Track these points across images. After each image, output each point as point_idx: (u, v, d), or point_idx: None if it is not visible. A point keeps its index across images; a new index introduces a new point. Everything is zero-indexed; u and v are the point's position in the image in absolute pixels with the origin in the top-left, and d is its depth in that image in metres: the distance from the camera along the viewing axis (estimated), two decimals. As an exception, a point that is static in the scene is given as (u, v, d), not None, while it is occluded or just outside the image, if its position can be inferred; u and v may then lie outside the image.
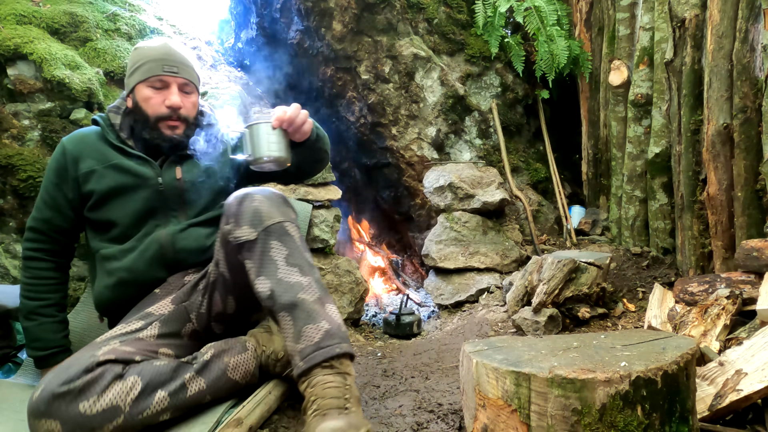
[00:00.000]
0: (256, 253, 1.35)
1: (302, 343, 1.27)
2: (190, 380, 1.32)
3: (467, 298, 2.78)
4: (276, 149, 1.43)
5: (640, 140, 2.82)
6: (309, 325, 1.28)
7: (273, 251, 1.34)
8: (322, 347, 1.26)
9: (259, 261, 1.34)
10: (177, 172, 1.62)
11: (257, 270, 1.34)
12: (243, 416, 1.35)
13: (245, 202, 1.39)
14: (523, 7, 3.19)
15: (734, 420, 1.31)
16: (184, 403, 1.30)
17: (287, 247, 1.35)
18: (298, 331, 1.28)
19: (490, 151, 3.35)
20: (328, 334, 1.28)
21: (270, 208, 1.38)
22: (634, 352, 1.14)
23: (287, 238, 1.37)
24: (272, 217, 1.37)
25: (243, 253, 1.37)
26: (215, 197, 1.69)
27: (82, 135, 1.64)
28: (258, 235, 1.35)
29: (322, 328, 1.28)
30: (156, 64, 1.59)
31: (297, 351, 1.27)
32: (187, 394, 1.30)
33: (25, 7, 2.45)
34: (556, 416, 1.03)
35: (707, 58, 2.18)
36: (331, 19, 3.06)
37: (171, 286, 1.56)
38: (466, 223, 2.99)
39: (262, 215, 1.36)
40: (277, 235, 1.36)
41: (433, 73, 3.23)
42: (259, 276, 1.34)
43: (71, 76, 2.30)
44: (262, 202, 1.38)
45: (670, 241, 2.67)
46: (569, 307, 2.22)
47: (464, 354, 1.24)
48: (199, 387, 1.32)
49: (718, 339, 1.65)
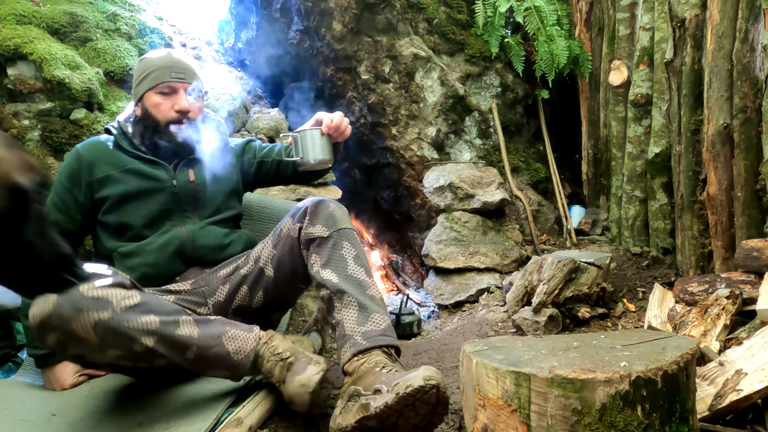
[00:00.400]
0: (326, 249, 1.46)
1: (368, 326, 1.36)
2: (185, 322, 1.34)
3: (467, 298, 2.78)
4: (321, 152, 1.62)
5: (640, 140, 2.82)
6: (377, 314, 1.39)
7: (344, 250, 1.47)
8: (386, 335, 1.36)
9: (329, 255, 1.46)
10: (190, 174, 1.72)
11: (324, 262, 1.45)
12: (243, 416, 1.35)
13: (321, 206, 1.53)
14: (523, 7, 3.19)
15: (734, 420, 1.31)
16: (170, 337, 1.29)
17: (356, 249, 1.48)
18: (365, 316, 1.37)
19: (490, 151, 3.35)
20: (391, 329, 1.40)
21: (342, 216, 1.53)
22: (634, 352, 1.14)
23: (356, 242, 1.50)
24: (344, 223, 1.51)
25: (311, 248, 1.48)
26: (226, 198, 1.78)
27: (97, 142, 1.72)
28: (331, 233, 1.48)
29: (386, 321, 1.40)
30: (163, 71, 1.67)
31: (360, 332, 1.35)
32: (176, 330, 1.31)
33: (25, 7, 2.45)
34: (556, 416, 1.03)
35: (707, 58, 2.18)
36: (331, 19, 3.06)
37: (190, 275, 1.65)
38: (466, 223, 2.99)
39: (336, 219, 1.51)
40: (348, 238, 1.49)
41: (433, 73, 3.23)
42: (326, 267, 1.45)
43: (71, 76, 2.30)
44: (336, 210, 1.53)
45: (670, 241, 2.67)
46: (569, 307, 2.22)
47: (464, 354, 1.24)
48: (190, 332, 1.33)
49: (718, 339, 1.65)
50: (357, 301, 1.40)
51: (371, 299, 1.41)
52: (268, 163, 1.88)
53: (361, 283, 1.43)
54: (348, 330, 1.37)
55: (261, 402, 1.45)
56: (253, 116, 2.96)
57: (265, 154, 1.89)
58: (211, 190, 1.74)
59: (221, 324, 1.40)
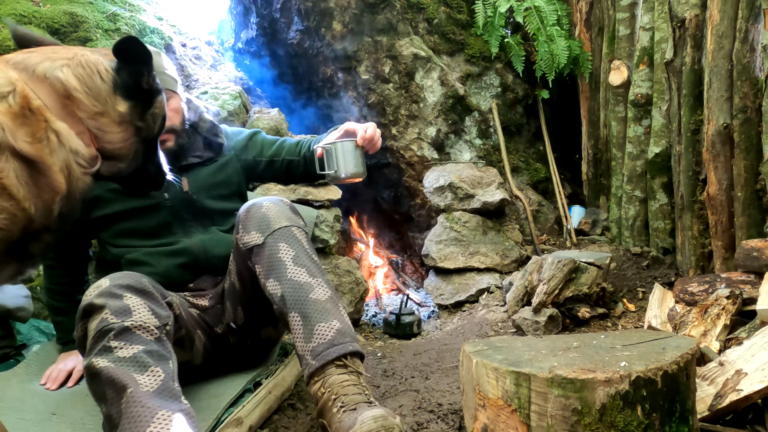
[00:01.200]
0: (264, 257, 1.36)
1: (314, 341, 1.26)
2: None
3: (467, 298, 2.78)
4: (355, 166, 1.53)
5: (640, 140, 2.82)
6: (321, 324, 1.28)
7: (281, 253, 1.35)
8: (335, 344, 1.26)
9: (268, 263, 1.35)
10: (184, 184, 1.60)
11: (266, 272, 1.35)
12: (243, 416, 1.36)
13: (252, 209, 1.42)
14: (523, 7, 3.19)
15: (734, 420, 1.31)
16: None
17: (294, 249, 1.36)
18: (309, 330, 1.27)
19: (490, 151, 3.35)
20: (340, 333, 1.28)
21: (277, 214, 1.41)
22: (634, 352, 1.14)
23: (294, 241, 1.38)
24: (279, 222, 1.39)
25: (252, 258, 1.39)
26: (227, 201, 1.68)
27: None
28: (265, 239, 1.37)
29: (334, 326, 1.28)
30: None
31: (308, 350, 1.27)
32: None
33: (25, 7, 2.45)
34: (556, 416, 1.03)
35: (707, 58, 2.18)
36: (331, 19, 3.06)
37: (202, 284, 1.61)
38: (466, 223, 2.99)
39: (270, 221, 1.39)
40: (284, 238, 1.37)
41: (433, 73, 3.23)
42: (268, 278, 1.35)
43: (71, 76, 2.30)
44: (270, 209, 1.41)
45: (670, 241, 2.67)
46: (569, 307, 2.22)
47: (464, 354, 1.24)
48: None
49: (718, 339, 1.65)
50: (299, 313, 1.29)
51: (314, 305, 1.30)
52: (278, 162, 1.77)
53: (302, 288, 1.31)
54: (299, 350, 1.29)
55: (261, 402, 1.45)
56: (253, 116, 2.96)
57: (274, 152, 1.77)
58: (209, 196, 1.64)
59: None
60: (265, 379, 1.56)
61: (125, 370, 1.09)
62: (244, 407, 1.39)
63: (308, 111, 3.66)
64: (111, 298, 1.20)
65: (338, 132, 1.64)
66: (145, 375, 1.09)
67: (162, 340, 1.20)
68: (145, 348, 1.14)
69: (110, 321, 1.16)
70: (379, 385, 1.79)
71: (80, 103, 0.93)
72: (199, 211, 1.63)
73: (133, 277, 1.28)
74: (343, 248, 3.45)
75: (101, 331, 1.15)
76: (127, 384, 1.07)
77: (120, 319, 1.16)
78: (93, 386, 1.13)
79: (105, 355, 1.12)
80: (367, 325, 2.82)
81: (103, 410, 1.11)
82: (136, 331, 1.16)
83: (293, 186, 2.74)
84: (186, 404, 1.11)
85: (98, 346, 1.14)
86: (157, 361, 1.13)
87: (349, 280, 2.62)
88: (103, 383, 1.09)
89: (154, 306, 1.24)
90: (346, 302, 2.60)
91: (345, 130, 1.61)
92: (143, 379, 1.09)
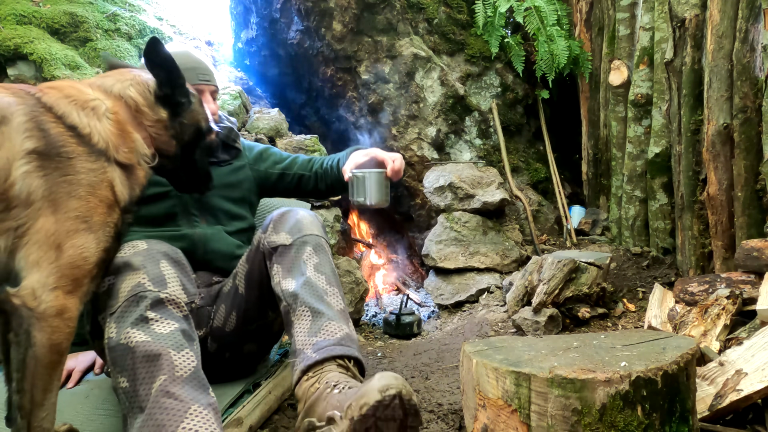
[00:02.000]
0: (288, 257, 1.34)
1: (320, 336, 1.19)
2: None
3: (467, 298, 2.78)
4: (382, 195, 1.61)
5: (640, 140, 2.82)
6: (332, 322, 1.23)
7: (305, 256, 1.33)
8: (341, 344, 1.19)
9: (290, 263, 1.33)
10: None
11: (285, 272, 1.32)
12: (243, 416, 1.35)
13: (288, 214, 1.42)
14: (523, 7, 3.19)
15: (734, 420, 1.31)
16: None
17: (319, 258, 1.35)
18: (317, 326, 1.21)
19: (490, 151, 3.35)
20: (349, 337, 1.22)
21: (311, 223, 1.41)
22: (634, 352, 1.14)
23: (321, 250, 1.37)
24: (311, 230, 1.39)
25: (273, 258, 1.35)
26: (235, 206, 1.69)
27: None
28: (294, 241, 1.35)
29: (343, 329, 1.23)
30: (191, 74, 1.58)
31: (310, 344, 1.18)
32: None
33: (26, 7, 2.45)
34: (556, 416, 1.03)
35: (707, 58, 2.18)
36: (331, 19, 3.06)
37: (198, 281, 1.55)
38: (466, 223, 2.99)
39: (303, 227, 1.39)
40: (312, 245, 1.36)
41: (433, 73, 3.23)
42: (285, 277, 1.31)
43: (71, 76, 2.30)
44: (305, 217, 1.41)
45: (670, 241, 2.67)
46: (569, 307, 2.22)
47: (464, 354, 1.24)
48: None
49: (719, 339, 1.65)
50: (310, 308, 1.24)
51: (328, 306, 1.26)
52: (290, 176, 1.82)
53: (318, 289, 1.28)
54: (299, 344, 1.20)
55: (261, 402, 1.45)
56: (253, 116, 2.96)
57: (286, 165, 1.83)
58: (218, 195, 1.65)
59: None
60: (265, 379, 1.56)
61: (164, 347, 1.05)
62: (244, 407, 1.38)
63: (308, 111, 3.66)
64: (149, 262, 1.16)
65: (365, 157, 1.68)
66: (181, 355, 1.06)
67: (188, 319, 1.16)
68: (179, 326, 1.10)
69: (147, 287, 1.12)
70: (379, 385, 1.79)
71: (145, 114, 1.20)
72: (207, 207, 1.64)
73: (167, 244, 1.26)
74: (343, 248, 3.45)
75: (137, 296, 1.11)
76: (162, 365, 1.03)
77: (157, 288, 1.13)
78: (121, 357, 1.05)
79: (142, 327, 1.07)
80: (367, 325, 2.82)
81: (124, 383, 1.04)
82: (168, 306, 1.12)
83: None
84: (213, 398, 1.06)
85: (134, 313, 1.09)
86: (189, 342, 1.10)
87: (349, 280, 2.62)
88: (135, 357, 1.04)
89: (185, 280, 1.20)
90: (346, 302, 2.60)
91: (373, 158, 1.66)
92: (179, 360, 1.05)
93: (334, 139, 3.60)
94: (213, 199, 1.64)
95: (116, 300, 1.12)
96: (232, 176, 1.71)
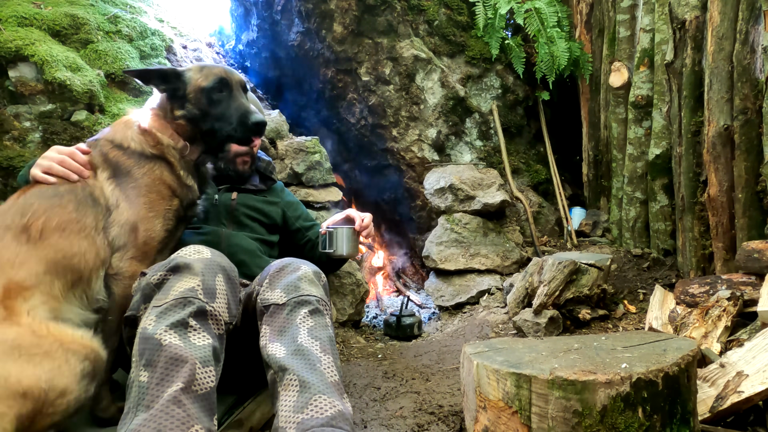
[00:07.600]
0: (279, 318, 1.23)
1: (307, 413, 1.05)
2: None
3: (468, 300, 2.78)
4: (351, 248, 1.81)
5: (641, 142, 2.82)
6: (322, 396, 1.07)
7: (299, 319, 1.22)
8: (332, 425, 1.03)
9: (281, 325, 1.22)
10: (233, 194, 1.89)
11: (275, 335, 1.21)
12: (244, 417, 1.35)
13: (287, 268, 1.33)
14: (524, 9, 3.19)
15: (735, 422, 1.31)
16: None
17: (314, 321, 1.24)
18: (305, 400, 1.07)
19: (491, 153, 3.35)
20: (342, 416, 1.06)
21: (311, 282, 1.31)
22: (634, 353, 1.14)
23: (317, 314, 1.25)
24: (309, 290, 1.28)
25: (264, 318, 1.26)
26: (264, 226, 1.91)
27: None
28: (288, 300, 1.25)
29: (336, 405, 1.07)
30: None
31: (294, 422, 1.04)
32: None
33: (27, 9, 2.45)
34: (557, 418, 1.03)
35: (707, 59, 2.18)
36: (331, 21, 3.07)
37: None
38: (466, 225, 2.99)
39: (300, 286, 1.28)
40: (308, 307, 1.25)
41: (434, 75, 3.23)
42: (274, 342, 1.20)
43: (72, 78, 2.31)
44: (306, 275, 1.32)
45: (670, 242, 2.67)
46: (570, 309, 2.22)
47: (465, 356, 1.24)
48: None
49: (719, 341, 1.65)
50: (299, 378, 1.10)
51: (320, 376, 1.11)
52: (304, 237, 2.00)
53: (310, 357, 1.14)
54: (282, 420, 1.06)
55: (261, 404, 1.45)
56: (336, 218, 2.96)
57: (307, 226, 2.02)
58: (248, 215, 1.87)
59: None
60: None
61: (192, 356, 1.05)
62: (245, 409, 1.38)
63: (309, 113, 3.66)
64: (208, 271, 1.18)
65: (341, 215, 1.90)
66: (204, 371, 1.06)
67: (222, 339, 1.16)
68: (212, 342, 1.11)
69: (198, 295, 1.14)
70: (380, 387, 1.79)
71: (167, 112, 1.49)
72: (236, 220, 1.85)
73: (227, 259, 1.29)
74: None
75: (186, 300, 1.13)
76: (183, 373, 1.03)
77: (206, 299, 1.14)
78: (149, 351, 1.06)
79: (179, 331, 1.09)
80: (367, 327, 2.82)
81: (143, 376, 1.04)
82: (209, 320, 1.14)
83: (294, 188, 2.74)
84: (215, 426, 1.05)
85: (177, 315, 1.10)
86: (215, 362, 1.10)
87: (349, 281, 2.62)
88: (162, 355, 1.04)
89: (231, 300, 1.21)
90: (347, 304, 2.60)
91: (346, 216, 1.87)
92: (201, 374, 1.05)
93: (334, 140, 3.60)
94: (242, 216, 1.86)
95: (166, 296, 1.15)
96: (264, 206, 1.93)
